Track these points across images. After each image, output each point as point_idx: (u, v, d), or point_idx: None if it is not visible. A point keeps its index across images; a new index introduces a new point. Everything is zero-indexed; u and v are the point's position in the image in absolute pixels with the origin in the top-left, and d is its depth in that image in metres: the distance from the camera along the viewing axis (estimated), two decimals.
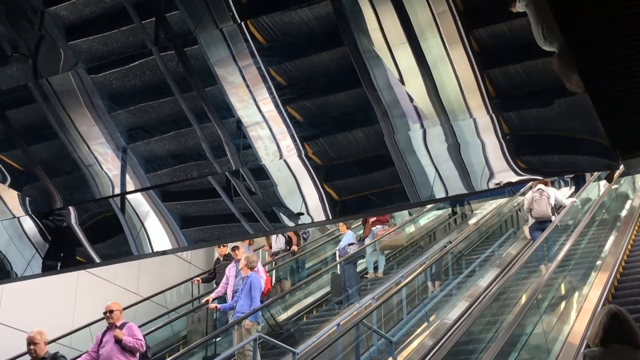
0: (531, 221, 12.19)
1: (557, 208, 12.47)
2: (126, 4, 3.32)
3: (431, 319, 11.33)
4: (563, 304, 9.94)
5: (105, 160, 4.05)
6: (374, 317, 10.45)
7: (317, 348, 9.44)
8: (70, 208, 4.41)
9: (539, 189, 11.99)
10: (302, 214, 4.04)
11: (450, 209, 18.50)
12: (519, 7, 3.05)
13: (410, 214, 17.65)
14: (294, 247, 14.67)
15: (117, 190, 4.21)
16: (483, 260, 13.84)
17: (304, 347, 9.92)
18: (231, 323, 10.54)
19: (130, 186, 4.18)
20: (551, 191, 12.20)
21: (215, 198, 4.18)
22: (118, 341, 8.33)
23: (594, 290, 9.58)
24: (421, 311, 11.59)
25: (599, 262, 10.99)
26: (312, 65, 3.56)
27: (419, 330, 10.89)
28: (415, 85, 3.42)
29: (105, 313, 8.67)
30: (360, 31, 3.23)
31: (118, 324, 8.52)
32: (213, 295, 11.62)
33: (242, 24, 3.30)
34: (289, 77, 3.53)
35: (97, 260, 4.71)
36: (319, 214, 4.01)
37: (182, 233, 4.38)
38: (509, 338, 7.92)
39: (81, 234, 4.53)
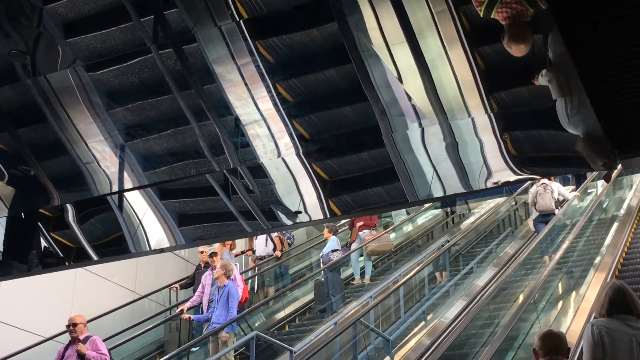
0: (535, 214, 12.79)
1: (560, 202, 12.96)
2: (125, 1, 3.32)
3: (429, 317, 11.34)
4: (560, 303, 9.97)
5: (103, 157, 4.04)
6: (371, 316, 10.45)
7: (315, 346, 9.44)
8: (68, 205, 4.41)
9: (543, 183, 12.55)
10: (300, 212, 4.03)
11: (443, 210, 18.41)
12: (542, 81, 3.01)
13: (408, 212, 17.64)
14: (277, 253, 14.07)
15: (115, 188, 4.21)
16: (481, 259, 13.87)
17: (301, 346, 9.91)
18: (206, 334, 10.01)
19: (128, 184, 4.18)
20: (554, 185, 12.80)
21: (213, 196, 4.18)
22: (81, 356, 7.89)
23: (591, 290, 9.59)
24: (419, 310, 11.60)
25: (597, 260, 11.03)
26: (311, 64, 3.56)
27: (416, 329, 10.90)
28: (413, 84, 3.42)
29: (68, 326, 8.19)
30: (359, 30, 3.23)
31: (82, 337, 8.08)
32: (188, 304, 11.04)
33: (241, 22, 3.30)
34: (288, 76, 3.53)
35: (95, 257, 4.71)
36: (316, 213, 4.01)
37: (180, 231, 4.38)
38: (506, 337, 7.94)
39: (79, 232, 4.53)
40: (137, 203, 4.31)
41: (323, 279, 12.96)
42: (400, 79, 3.38)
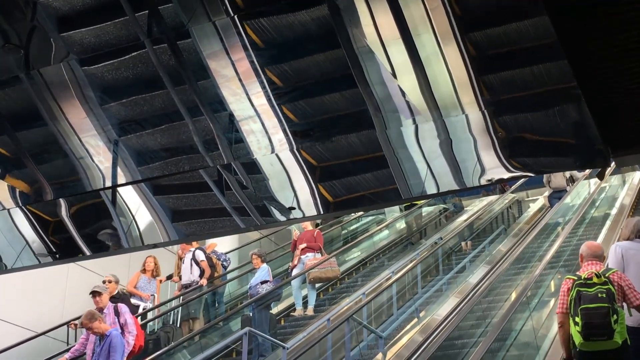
0: (549, 191, 15.29)
1: (572, 181, 15.16)
2: None
3: (421, 314, 11.37)
4: (552, 301, 10.00)
5: (96, 152, 4.03)
6: (364, 313, 10.47)
7: (307, 343, 9.45)
8: (61, 200, 4.40)
9: None
10: (294, 208, 4.04)
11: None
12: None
13: (402, 210, 17.63)
14: (202, 281, 12.30)
15: (109, 183, 4.20)
16: (473, 257, 13.93)
17: (294, 342, 9.93)
18: None
19: (121, 179, 4.17)
20: None
21: (207, 192, 4.18)
22: None
23: None
24: (412, 306, 11.63)
25: None
26: (306, 60, 3.55)
27: (409, 326, 10.93)
28: (408, 81, 3.42)
29: None
30: (354, 26, 3.23)
31: None
32: (68, 355, 9.03)
33: (236, 17, 3.29)
34: (282, 72, 3.52)
35: (88, 252, 4.70)
36: (310, 209, 4.01)
37: (173, 226, 4.38)
38: (498, 334, 7.97)
39: (72, 226, 4.52)
40: (131, 198, 4.30)
41: (251, 315, 11.25)
42: (394, 76, 3.38)
